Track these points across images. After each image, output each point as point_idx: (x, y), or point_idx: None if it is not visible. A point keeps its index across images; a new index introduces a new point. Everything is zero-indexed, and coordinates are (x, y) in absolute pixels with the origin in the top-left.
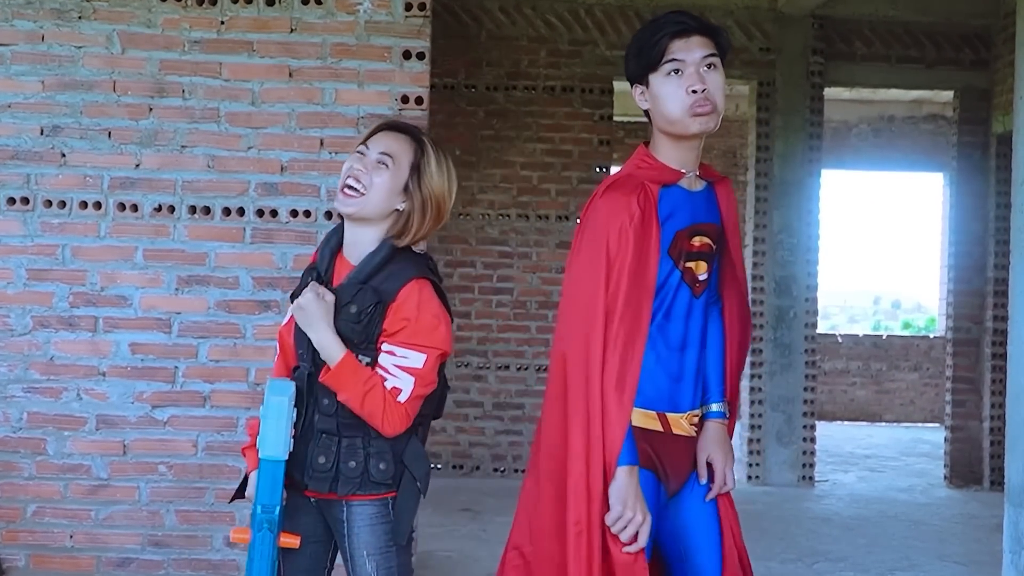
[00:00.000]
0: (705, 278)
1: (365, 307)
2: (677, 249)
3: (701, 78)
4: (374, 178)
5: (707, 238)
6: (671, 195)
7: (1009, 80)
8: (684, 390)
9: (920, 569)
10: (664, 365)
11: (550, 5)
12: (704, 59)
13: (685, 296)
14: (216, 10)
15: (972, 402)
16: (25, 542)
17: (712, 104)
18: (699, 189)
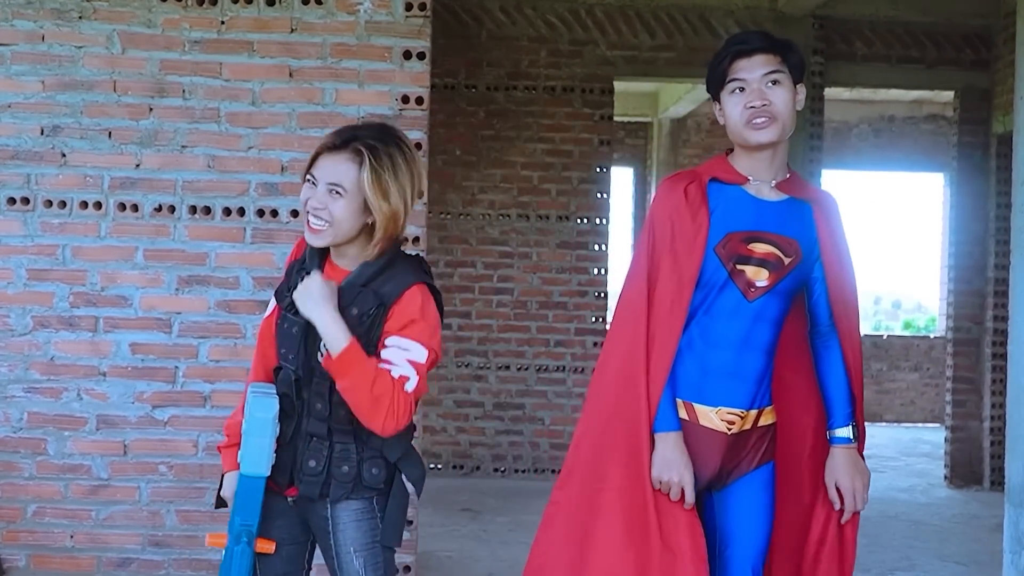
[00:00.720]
0: (764, 285)
1: (367, 310)
2: (728, 250)
3: (761, 94)
4: (332, 209)
5: (775, 249)
6: (729, 194)
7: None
8: (719, 385)
9: (920, 569)
10: (697, 357)
11: (550, 5)
12: (765, 76)
13: (733, 297)
14: (216, 10)
15: (972, 402)
16: (25, 542)
17: (769, 117)
18: (776, 199)
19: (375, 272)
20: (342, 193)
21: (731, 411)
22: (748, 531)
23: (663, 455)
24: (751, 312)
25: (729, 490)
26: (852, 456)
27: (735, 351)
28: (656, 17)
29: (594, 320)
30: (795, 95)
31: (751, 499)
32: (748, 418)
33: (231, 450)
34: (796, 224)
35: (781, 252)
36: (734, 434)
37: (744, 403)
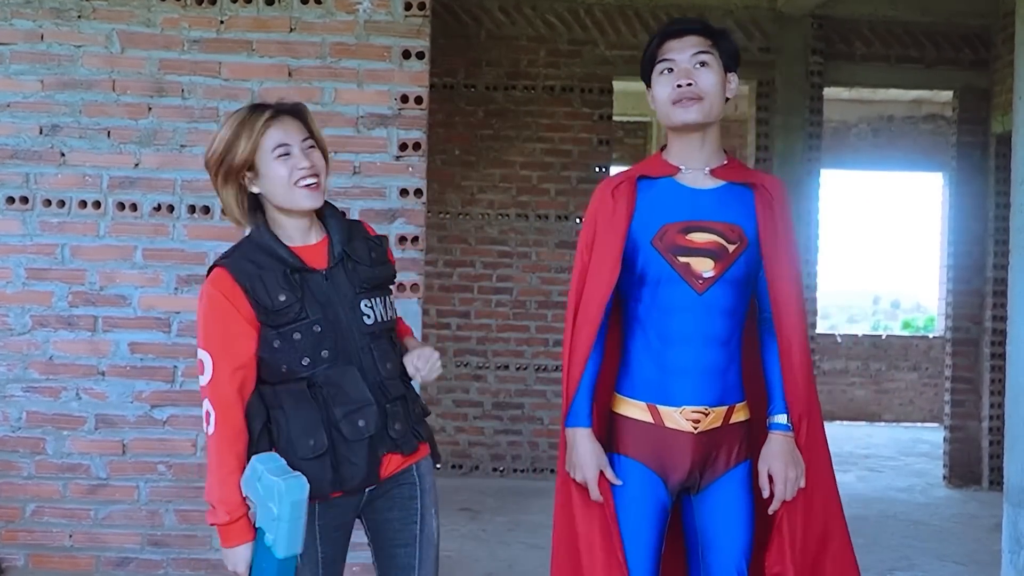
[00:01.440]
0: (712, 275)
1: (379, 251)
2: (665, 242)
3: (689, 74)
4: (316, 162)
5: (717, 237)
6: (660, 187)
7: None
8: (679, 384)
9: (919, 569)
10: (654, 356)
11: (550, 5)
12: (694, 56)
13: (682, 290)
14: (215, 9)
15: (971, 402)
16: (24, 541)
17: (695, 97)
18: (711, 187)
19: (347, 224)
20: (314, 145)
21: (695, 409)
22: (729, 534)
23: (569, 452)
24: (702, 304)
25: (706, 493)
26: (788, 444)
27: (692, 346)
28: (655, 17)
29: None
30: (726, 81)
31: (730, 501)
32: (716, 415)
33: (239, 523)
34: (737, 209)
35: (724, 239)
36: (703, 432)
37: (709, 400)
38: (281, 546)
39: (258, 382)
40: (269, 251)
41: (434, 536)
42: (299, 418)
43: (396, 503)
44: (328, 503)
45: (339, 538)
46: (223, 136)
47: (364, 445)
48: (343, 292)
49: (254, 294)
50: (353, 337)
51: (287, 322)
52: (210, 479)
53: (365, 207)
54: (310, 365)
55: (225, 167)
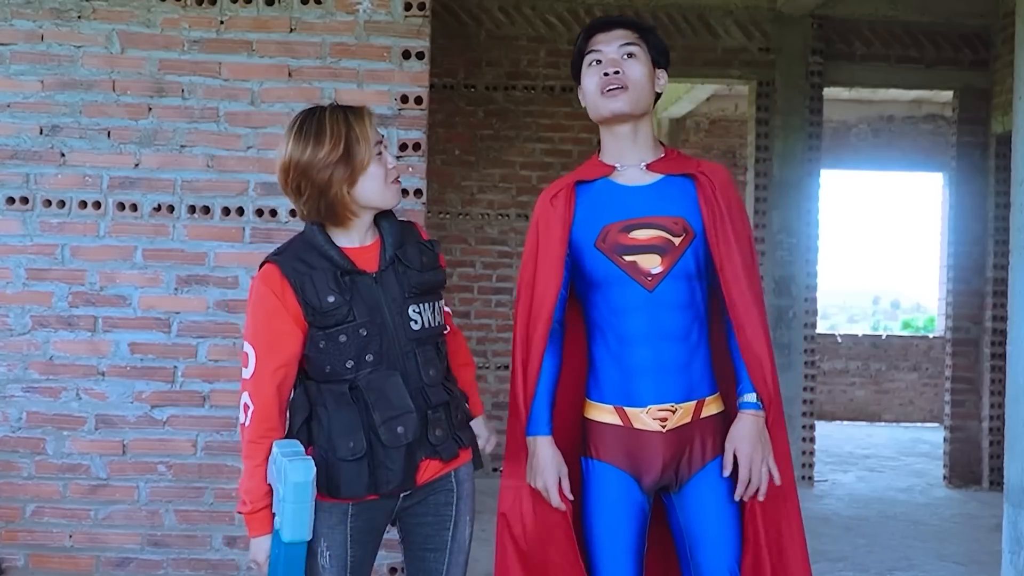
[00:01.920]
0: (660, 271)
1: (431, 256)
2: (608, 243)
3: (616, 64)
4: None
5: (660, 232)
6: (596, 188)
7: (1008, 80)
8: (643, 384)
9: (919, 569)
10: (616, 358)
11: (550, 5)
12: (621, 47)
13: (635, 291)
14: (215, 10)
15: (971, 402)
16: (24, 542)
17: (622, 86)
18: (649, 182)
19: (400, 226)
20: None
21: (661, 407)
22: (715, 531)
23: (530, 460)
24: (654, 302)
25: (686, 490)
26: (757, 424)
27: (649, 344)
28: (655, 17)
29: None
30: (653, 75)
31: (710, 496)
32: (684, 411)
33: (261, 514)
34: (678, 202)
35: (668, 233)
36: (672, 430)
37: (675, 396)
38: (286, 529)
39: (305, 378)
40: (321, 251)
41: (466, 543)
42: (340, 419)
43: (431, 508)
44: (363, 505)
45: (369, 542)
46: (333, 140)
47: (401, 452)
48: (392, 296)
49: (303, 293)
50: (399, 342)
51: (334, 324)
52: (243, 471)
53: None
54: (354, 368)
55: (340, 173)
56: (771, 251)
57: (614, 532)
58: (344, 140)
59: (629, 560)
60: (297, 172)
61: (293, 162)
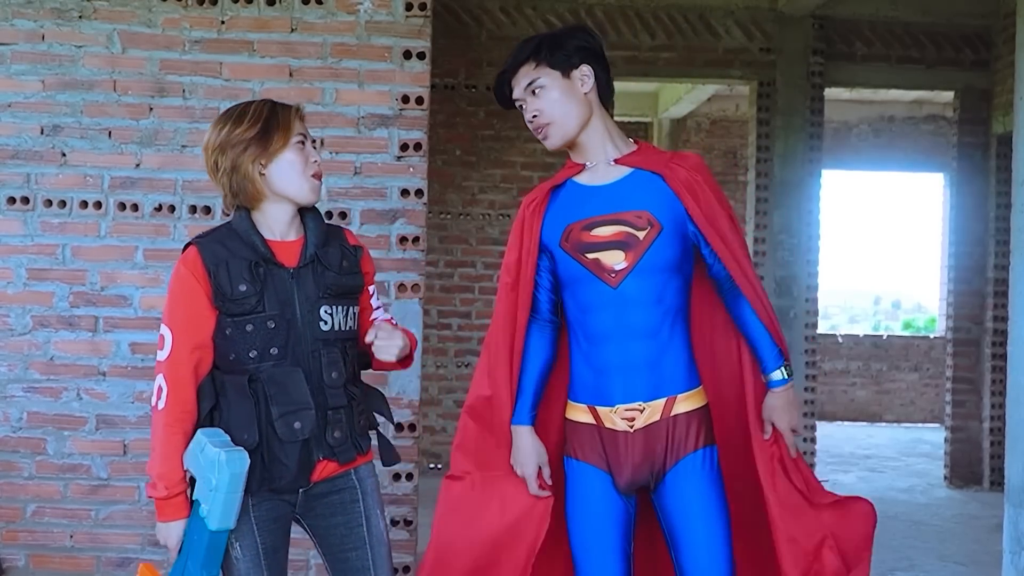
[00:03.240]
0: (624, 267)
1: (352, 260)
2: (571, 242)
3: (531, 107)
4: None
5: (623, 227)
6: (563, 190)
7: (1009, 80)
8: (611, 383)
9: (920, 569)
10: (586, 358)
11: (551, 5)
12: (527, 88)
13: (599, 288)
14: (216, 10)
15: (972, 402)
16: (25, 542)
17: (543, 124)
18: (614, 179)
19: (326, 228)
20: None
21: (628, 407)
22: (696, 525)
23: (514, 450)
24: (618, 298)
25: (663, 487)
26: (788, 396)
27: (616, 342)
28: (656, 17)
29: None
30: (571, 85)
31: (688, 491)
32: (652, 409)
33: (177, 499)
34: (644, 195)
35: (632, 228)
36: (640, 430)
37: (642, 395)
38: (215, 518)
39: (213, 367)
40: (244, 237)
41: (383, 536)
42: (238, 410)
43: (338, 509)
44: (261, 497)
45: (277, 529)
46: (251, 120)
47: (297, 447)
48: (306, 294)
49: (216, 279)
50: (306, 339)
51: (242, 312)
52: (153, 454)
53: (366, 207)
54: (257, 359)
55: (253, 150)
56: (772, 251)
57: (595, 531)
58: (262, 121)
59: (612, 559)
60: (215, 149)
61: (212, 140)
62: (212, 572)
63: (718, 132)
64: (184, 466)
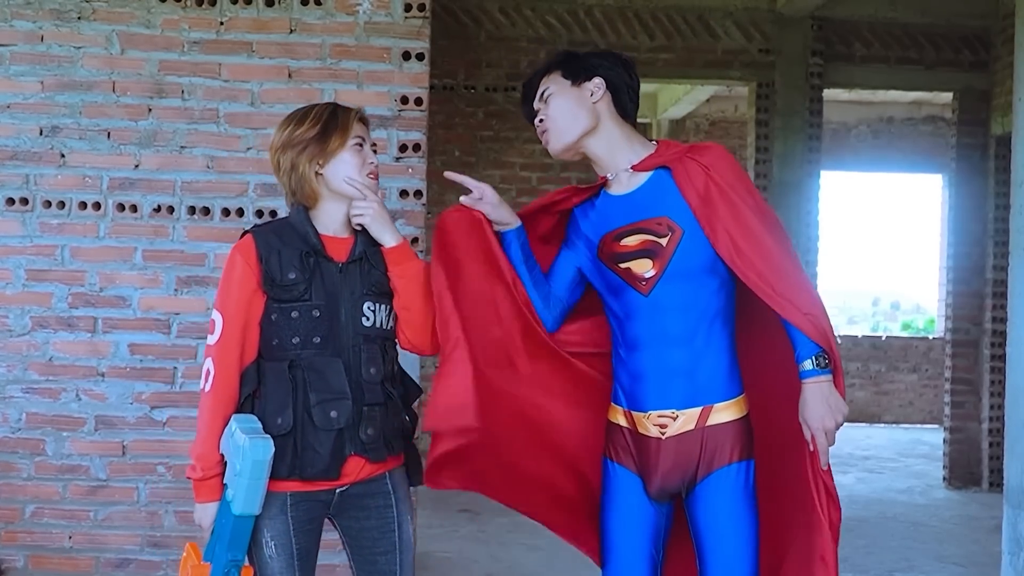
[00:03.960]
0: (653, 275)
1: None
2: (606, 253)
3: (539, 111)
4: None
5: (646, 235)
6: (597, 203)
7: (1008, 82)
8: (645, 390)
9: (919, 570)
10: (624, 363)
11: (550, 6)
12: (540, 98)
13: (633, 297)
14: (215, 11)
15: (971, 403)
16: (24, 543)
17: (544, 128)
18: (634, 188)
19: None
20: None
21: (661, 413)
22: (723, 540)
23: None
24: (650, 306)
25: (694, 497)
26: (821, 391)
27: (649, 350)
28: (655, 18)
29: None
30: (580, 94)
31: (718, 505)
32: (687, 418)
33: (211, 481)
34: (662, 200)
35: (654, 236)
36: (672, 438)
37: (675, 403)
38: (238, 502)
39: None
40: (298, 229)
41: (411, 542)
42: (275, 395)
43: (372, 512)
44: (300, 495)
45: (312, 531)
46: (312, 122)
47: (331, 436)
48: (352, 288)
49: (267, 264)
50: (348, 333)
51: (289, 299)
52: (197, 436)
53: None
54: (299, 345)
55: (311, 150)
56: None
57: (625, 533)
58: (322, 123)
59: (640, 563)
60: (278, 148)
61: (276, 140)
62: (238, 555)
63: (717, 133)
64: (219, 450)
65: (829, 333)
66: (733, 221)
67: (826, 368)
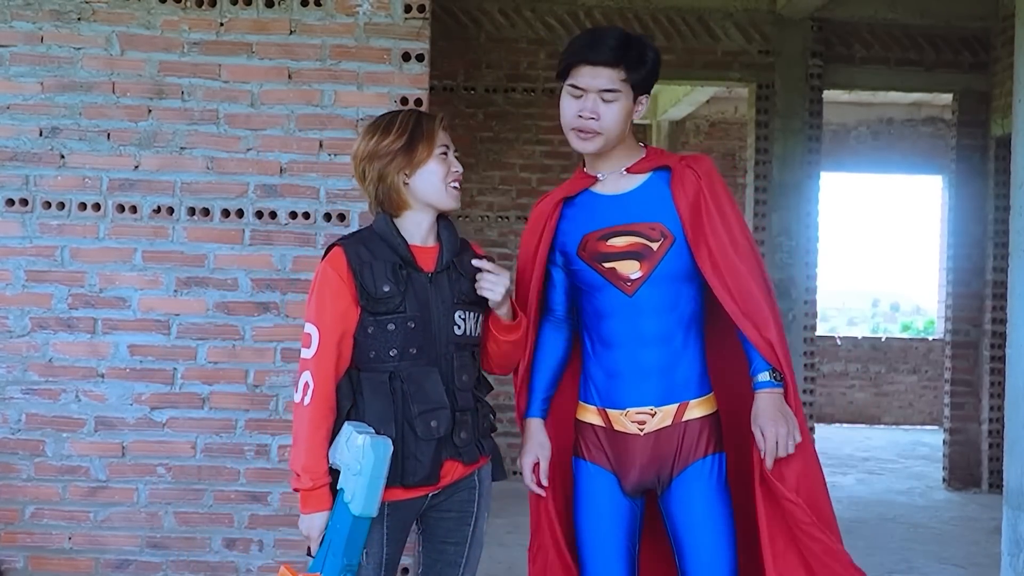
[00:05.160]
0: (639, 276)
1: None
2: (588, 251)
3: (594, 107)
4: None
5: (638, 238)
6: (580, 200)
7: (1008, 83)
8: (623, 387)
9: (919, 572)
10: (599, 361)
11: (549, 7)
12: (602, 91)
13: (615, 296)
14: (215, 12)
15: (971, 405)
16: (24, 544)
17: (594, 132)
18: (628, 189)
19: (455, 235)
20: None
21: (639, 410)
22: (700, 530)
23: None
24: (633, 306)
25: (670, 491)
26: (773, 401)
27: (628, 348)
28: (655, 19)
29: None
30: (633, 108)
31: (694, 496)
32: (664, 414)
33: (320, 491)
34: (656, 207)
35: (646, 239)
36: (651, 433)
37: (652, 400)
38: (358, 502)
39: (348, 365)
40: (387, 240)
41: (483, 537)
42: (375, 408)
43: (455, 505)
44: (396, 504)
45: (401, 540)
46: (398, 132)
47: (432, 446)
48: (442, 298)
49: (361, 277)
50: (440, 342)
51: (385, 311)
52: (297, 448)
53: (365, 210)
54: (396, 357)
55: (399, 161)
56: (770, 254)
57: (600, 531)
58: (408, 133)
59: (617, 560)
60: (363, 158)
61: (361, 150)
62: (352, 560)
63: (717, 134)
64: (329, 460)
65: (784, 362)
66: (714, 237)
67: (780, 382)
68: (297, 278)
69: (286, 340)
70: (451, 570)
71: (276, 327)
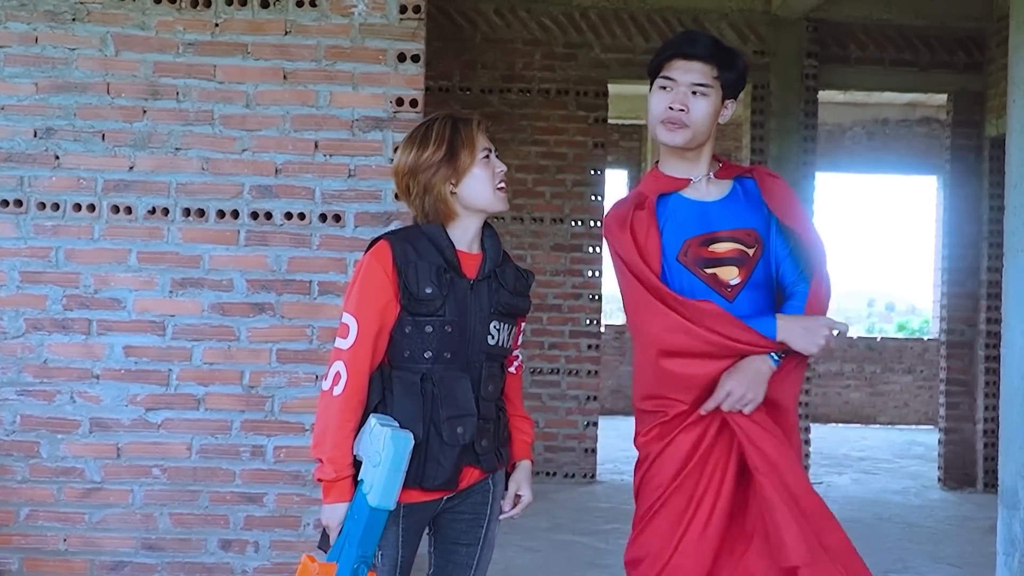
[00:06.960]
0: (738, 282)
1: (523, 284)
2: (690, 257)
3: (684, 99)
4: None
5: (736, 244)
6: (673, 204)
7: (1002, 83)
8: None
9: (914, 571)
10: None
11: (545, 8)
12: (694, 84)
13: (715, 301)
14: (210, 12)
15: (966, 404)
16: (18, 545)
17: (681, 124)
18: (718, 197)
19: (498, 244)
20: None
21: None
22: None
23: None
24: (734, 311)
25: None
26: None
27: None
28: (650, 20)
29: (588, 323)
30: (721, 109)
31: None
32: None
33: (343, 482)
34: (750, 214)
35: (744, 245)
36: None
37: None
38: (376, 494)
39: (380, 361)
40: (436, 243)
41: (494, 540)
42: (404, 407)
43: (468, 507)
44: (412, 506)
45: (415, 543)
46: (437, 142)
47: (455, 451)
48: (480, 306)
49: (404, 276)
50: (474, 349)
51: (425, 313)
52: (324, 437)
53: (360, 210)
54: (431, 360)
55: (444, 172)
56: None
57: None
58: (447, 142)
59: None
60: (405, 173)
61: (402, 165)
62: (367, 551)
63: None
64: (353, 451)
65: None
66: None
67: (776, 362)
68: (292, 279)
69: (281, 341)
70: (462, 571)
71: (271, 328)
